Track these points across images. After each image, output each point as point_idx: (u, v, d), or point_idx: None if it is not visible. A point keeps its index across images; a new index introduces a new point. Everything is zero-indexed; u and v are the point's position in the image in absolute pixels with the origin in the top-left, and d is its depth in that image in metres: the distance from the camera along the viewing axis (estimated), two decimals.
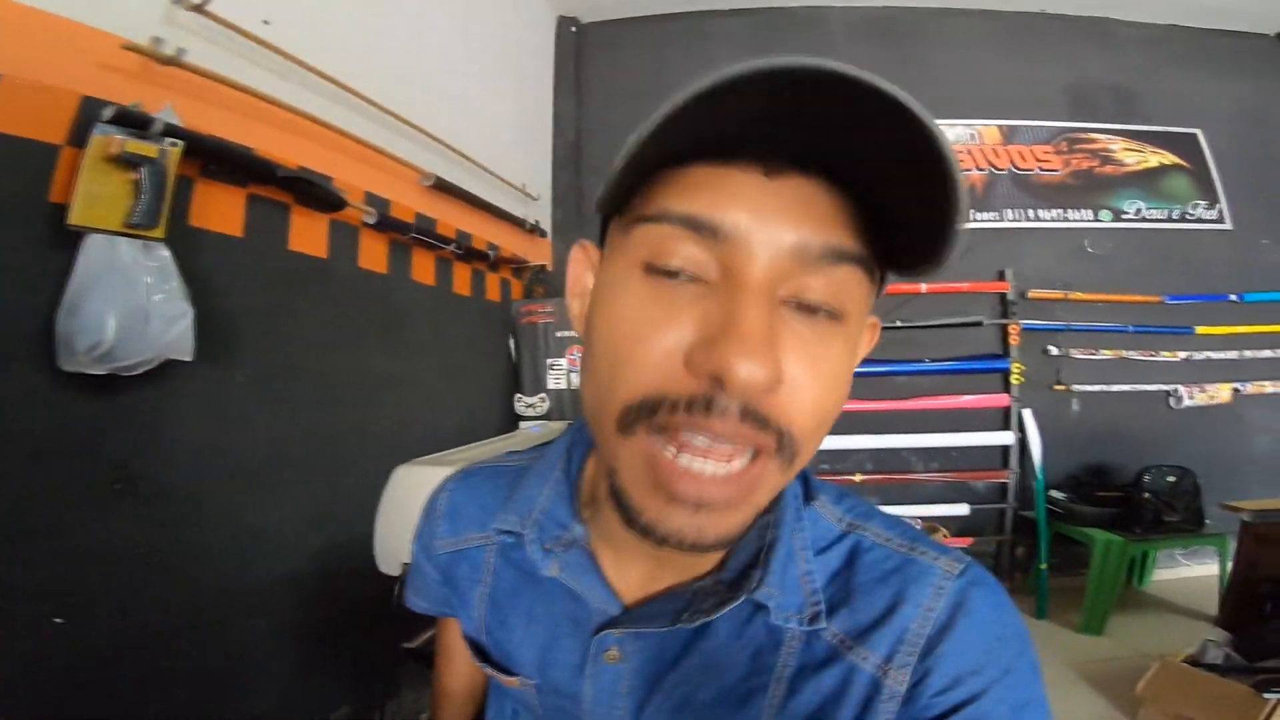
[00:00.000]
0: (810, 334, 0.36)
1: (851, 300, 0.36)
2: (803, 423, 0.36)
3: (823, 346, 0.36)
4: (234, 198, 1.47)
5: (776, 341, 0.34)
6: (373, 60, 1.94)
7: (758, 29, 3.63)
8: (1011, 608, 0.45)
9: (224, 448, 1.45)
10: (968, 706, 0.41)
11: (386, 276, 2.02)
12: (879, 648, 0.43)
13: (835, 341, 0.36)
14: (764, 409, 0.34)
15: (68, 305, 1.09)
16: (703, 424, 0.34)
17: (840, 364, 0.37)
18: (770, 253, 0.34)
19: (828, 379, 0.36)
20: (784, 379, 0.34)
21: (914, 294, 3.28)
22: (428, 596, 0.67)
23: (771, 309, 0.35)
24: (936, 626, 0.43)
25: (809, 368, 0.35)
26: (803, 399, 0.35)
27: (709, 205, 0.35)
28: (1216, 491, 2.82)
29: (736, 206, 0.34)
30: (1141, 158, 3.52)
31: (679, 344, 0.35)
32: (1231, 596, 2.33)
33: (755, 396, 0.34)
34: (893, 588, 0.45)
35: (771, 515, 0.47)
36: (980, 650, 0.42)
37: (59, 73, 1.12)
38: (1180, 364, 3.38)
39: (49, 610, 1.11)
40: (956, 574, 0.44)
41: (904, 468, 3.37)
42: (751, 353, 0.32)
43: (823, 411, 0.37)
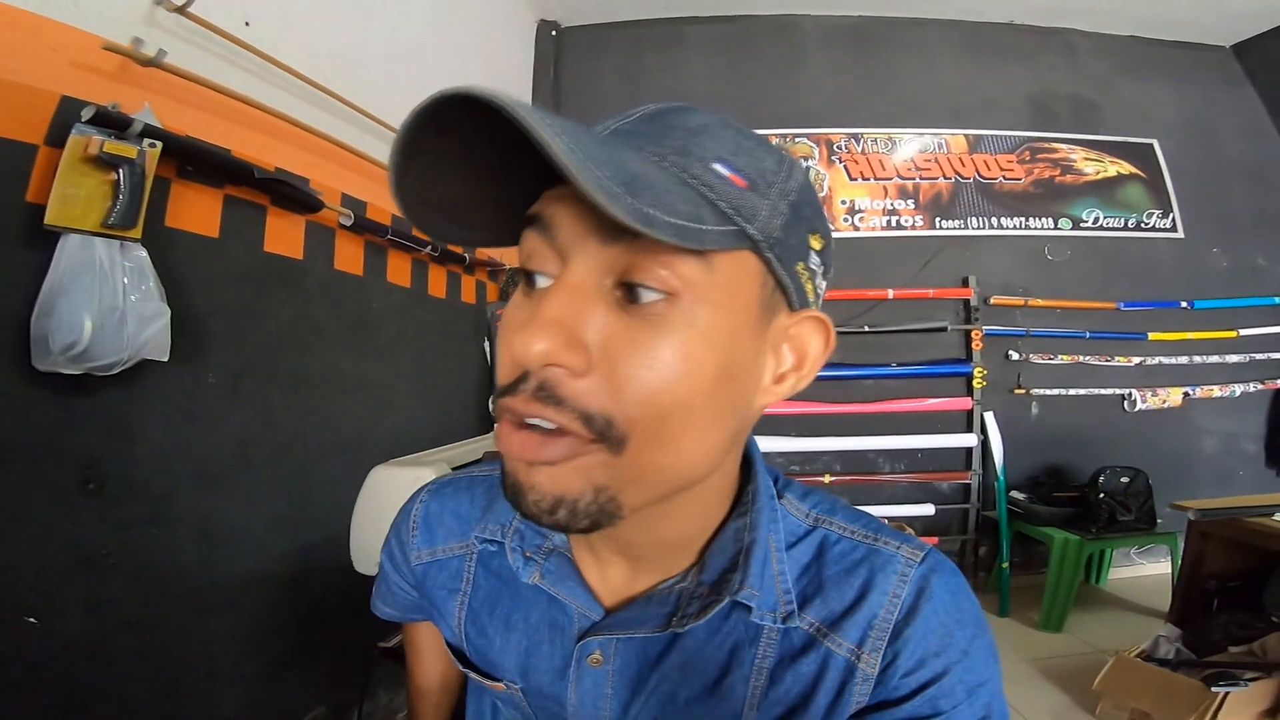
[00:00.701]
0: (635, 320, 0.36)
1: (674, 277, 0.36)
2: (622, 408, 0.35)
3: (649, 331, 0.36)
4: (211, 199, 1.46)
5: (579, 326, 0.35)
6: (352, 62, 1.95)
7: (733, 36, 3.69)
8: (968, 593, 0.48)
9: (193, 448, 1.44)
10: (931, 686, 0.44)
11: (362, 278, 2.02)
12: (851, 634, 0.46)
13: (666, 326, 0.36)
14: (562, 390, 0.35)
15: (43, 305, 1.09)
16: (509, 403, 0.37)
17: (673, 349, 0.36)
18: (586, 241, 0.36)
19: (654, 364, 0.36)
20: (598, 365, 0.35)
21: (881, 299, 3.37)
22: (395, 604, 0.68)
23: (579, 297, 0.36)
24: (903, 612, 0.46)
25: (628, 353, 0.36)
26: (620, 384, 0.35)
27: (546, 204, 0.38)
28: (1168, 491, 2.93)
29: (558, 202, 0.37)
30: (1101, 167, 3.63)
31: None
32: (1180, 593, 2.39)
33: (552, 377, 0.35)
34: (861, 577, 0.48)
35: (747, 519, 0.49)
36: (941, 634, 0.45)
37: (38, 72, 1.12)
38: (1134, 369, 3.50)
39: (20, 610, 1.10)
40: (918, 561, 0.48)
41: (871, 469, 3.45)
42: (531, 331, 0.34)
43: (650, 397, 0.36)
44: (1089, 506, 2.97)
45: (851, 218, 3.52)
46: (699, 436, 0.39)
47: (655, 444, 0.37)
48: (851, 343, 3.34)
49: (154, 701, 1.30)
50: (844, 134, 3.58)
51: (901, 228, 3.54)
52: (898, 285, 3.41)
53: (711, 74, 3.66)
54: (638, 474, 0.38)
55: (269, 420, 1.65)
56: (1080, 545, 2.83)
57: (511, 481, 0.38)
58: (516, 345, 0.35)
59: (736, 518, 0.49)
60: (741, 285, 0.39)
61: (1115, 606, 3.13)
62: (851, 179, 3.55)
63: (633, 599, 0.50)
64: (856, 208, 3.54)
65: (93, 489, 1.23)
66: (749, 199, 0.38)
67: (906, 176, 3.56)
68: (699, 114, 0.40)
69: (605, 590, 0.51)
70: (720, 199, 0.37)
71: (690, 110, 0.41)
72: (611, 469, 0.37)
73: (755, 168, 0.39)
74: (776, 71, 3.67)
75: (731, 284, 0.38)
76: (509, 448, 0.37)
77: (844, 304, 3.33)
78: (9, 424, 1.09)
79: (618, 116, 0.41)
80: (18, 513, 1.10)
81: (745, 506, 0.49)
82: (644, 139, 0.38)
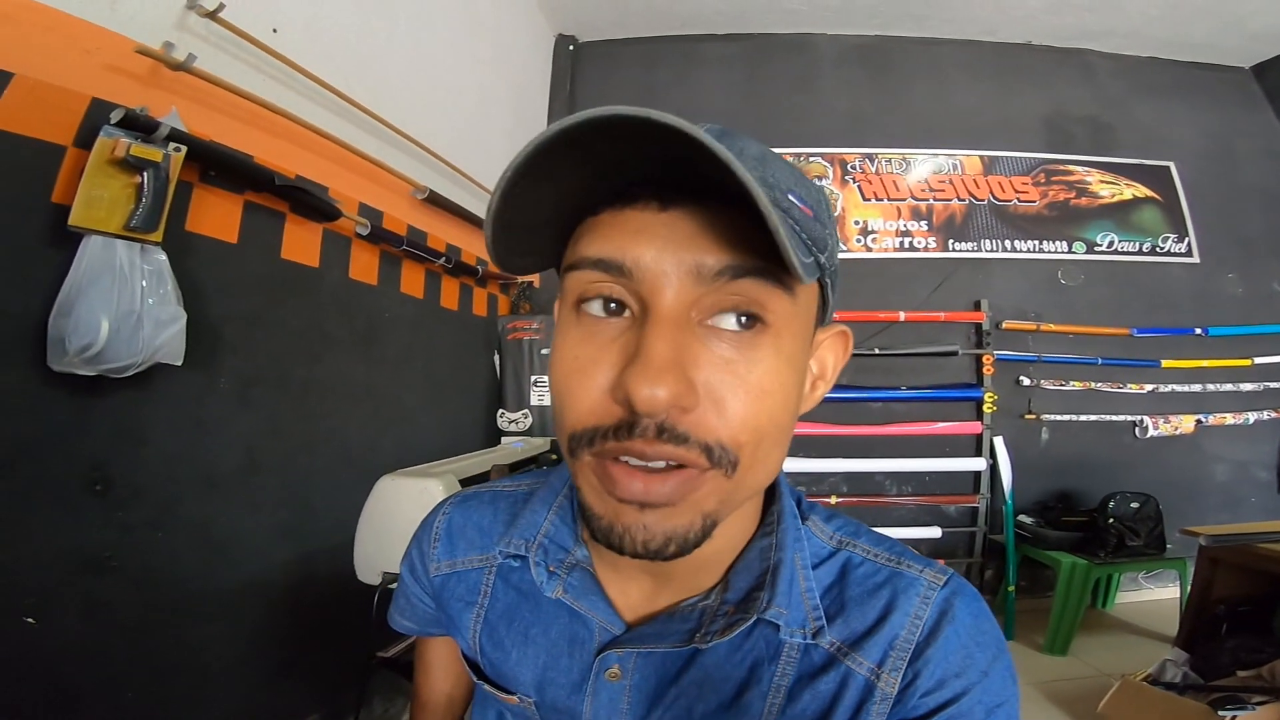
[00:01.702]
0: (731, 351, 0.38)
1: (767, 310, 0.38)
2: (732, 434, 0.37)
3: (745, 361, 0.38)
4: (231, 204, 1.47)
5: (686, 363, 0.36)
6: (374, 72, 1.96)
7: (748, 54, 3.71)
8: (989, 616, 0.49)
9: (201, 453, 1.44)
10: (950, 707, 0.44)
11: (376, 288, 2.03)
12: (872, 654, 0.46)
13: (760, 353, 0.38)
14: (681, 426, 0.36)
15: (62, 305, 1.09)
16: (627, 446, 0.37)
17: (770, 374, 0.38)
18: (674, 280, 0.37)
19: (755, 390, 0.38)
20: (703, 396, 0.37)
21: (892, 322, 3.35)
22: (413, 617, 0.68)
23: (679, 333, 0.37)
24: (924, 633, 0.46)
25: (731, 382, 0.37)
26: (729, 413, 0.37)
27: (615, 247, 0.38)
28: (1178, 517, 2.91)
29: (638, 243, 0.37)
30: (1116, 190, 3.61)
31: (606, 379, 0.38)
32: (1189, 617, 2.38)
33: (670, 416, 0.36)
34: (883, 599, 0.48)
35: (774, 538, 0.49)
36: (962, 655, 0.46)
37: (71, 74, 1.13)
38: (1146, 396, 3.47)
39: (20, 610, 1.09)
40: (941, 584, 0.48)
41: (878, 491, 3.42)
42: (652, 378, 0.35)
43: (755, 421, 0.38)
44: (1098, 531, 2.96)
45: (864, 238, 3.52)
46: (780, 450, 0.42)
47: (755, 463, 0.40)
48: (861, 365, 3.32)
49: (143, 707, 1.29)
50: (858, 154, 3.59)
51: (914, 249, 3.53)
52: (909, 308, 3.40)
53: (726, 91, 3.67)
54: (739, 492, 0.40)
55: (277, 428, 1.65)
56: (1088, 569, 2.82)
57: (611, 524, 0.39)
58: (640, 393, 0.35)
59: (762, 537, 0.50)
60: (810, 310, 0.42)
61: (1122, 631, 3.09)
62: (865, 199, 3.55)
63: (654, 615, 0.51)
64: (870, 228, 3.53)
65: (99, 491, 1.22)
66: (818, 230, 0.40)
67: (920, 197, 3.56)
68: (750, 140, 0.41)
69: (626, 606, 0.52)
70: (804, 232, 0.39)
71: (740, 135, 0.41)
72: (722, 493, 0.39)
73: (814, 198, 0.41)
74: (791, 90, 3.68)
75: (807, 311, 0.42)
76: (626, 490, 0.37)
77: (855, 326, 3.27)
78: (20, 423, 1.09)
79: None
80: (23, 512, 1.10)
81: (771, 526, 0.50)
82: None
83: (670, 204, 0.38)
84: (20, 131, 1.06)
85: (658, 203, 0.38)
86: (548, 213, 0.39)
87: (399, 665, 1.50)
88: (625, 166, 0.36)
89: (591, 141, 0.32)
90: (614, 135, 0.32)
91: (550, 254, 0.44)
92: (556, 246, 0.43)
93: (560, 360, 0.41)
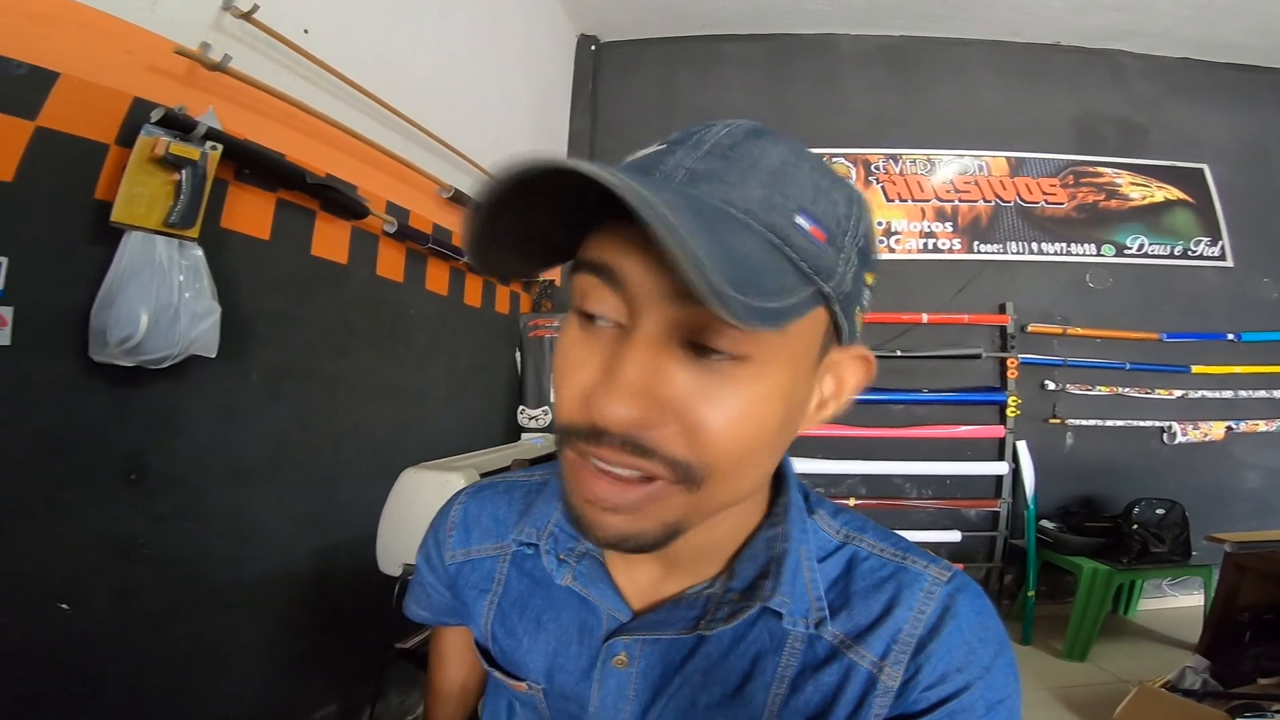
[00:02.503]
0: (707, 377, 0.37)
1: (748, 342, 0.36)
2: (702, 456, 0.37)
3: (720, 388, 0.37)
4: (264, 202, 1.50)
5: (658, 384, 0.36)
6: (400, 72, 1.99)
7: (770, 54, 3.70)
8: (993, 612, 0.49)
9: (231, 444, 1.47)
10: (951, 701, 0.45)
11: (401, 285, 2.06)
12: (875, 646, 0.47)
13: (738, 383, 0.37)
14: (647, 441, 0.36)
15: (104, 299, 1.13)
16: (595, 451, 0.37)
17: (746, 405, 0.37)
18: (657, 300, 0.36)
19: (729, 418, 0.37)
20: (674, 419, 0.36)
21: (914, 324, 3.33)
22: (429, 606, 0.69)
23: (655, 354, 0.36)
24: (927, 627, 0.46)
25: (704, 408, 0.36)
26: (700, 437, 0.37)
27: (612, 254, 0.37)
28: (1205, 524, 2.86)
29: (633, 256, 0.36)
30: (1147, 192, 3.55)
31: (584, 384, 0.38)
32: (1212, 624, 2.37)
33: (631, 432, 0.36)
34: (887, 593, 0.48)
35: (780, 529, 0.50)
36: (964, 650, 0.46)
37: (114, 74, 1.16)
38: (1175, 401, 3.41)
39: (55, 597, 1.13)
40: (945, 580, 0.49)
41: (897, 494, 3.40)
42: (614, 398, 0.35)
43: (724, 448, 0.37)
44: (1121, 537, 2.92)
45: (888, 239, 3.49)
46: (756, 471, 0.42)
47: (724, 483, 0.39)
48: (883, 367, 3.21)
49: (165, 695, 1.32)
50: (882, 154, 3.57)
51: (938, 250, 3.51)
52: (932, 309, 3.37)
53: (749, 91, 3.67)
54: (706, 506, 0.40)
55: (304, 421, 1.68)
56: (1110, 575, 2.79)
57: (578, 516, 0.40)
58: (600, 410, 0.36)
59: (768, 527, 0.50)
60: (808, 338, 0.40)
61: (1142, 638, 3.05)
62: (889, 200, 3.53)
63: (661, 602, 0.51)
64: (893, 229, 3.51)
65: (133, 480, 1.26)
66: (827, 255, 0.38)
67: (945, 199, 3.53)
68: (776, 143, 0.40)
69: (634, 593, 0.52)
70: (803, 259, 0.37)
71: (766, 136, 0.40)
72: (685, 506, 0.39)
73: (832, 215, 0.39)
74: (814, 90, 3.67)
75: (800, 340, 0.40)
76: (590, 493, 0.39)
77: (877, 327, 3.30)
78: (63, 412, 1.13)
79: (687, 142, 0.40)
80: (62, 500, 1.14)
81: (777, 517, 0.51)
82: (728, 186, 0.37)
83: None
84: (66, 130, 1.10)
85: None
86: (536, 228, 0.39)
87: (416, 657, 1.51)
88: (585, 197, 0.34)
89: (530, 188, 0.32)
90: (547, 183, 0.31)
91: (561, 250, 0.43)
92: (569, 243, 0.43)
93: (558, 354, 0.42)
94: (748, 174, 0.38)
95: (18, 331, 1.04)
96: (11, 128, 1.03)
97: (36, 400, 1.09)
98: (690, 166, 0.39)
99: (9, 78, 1.02)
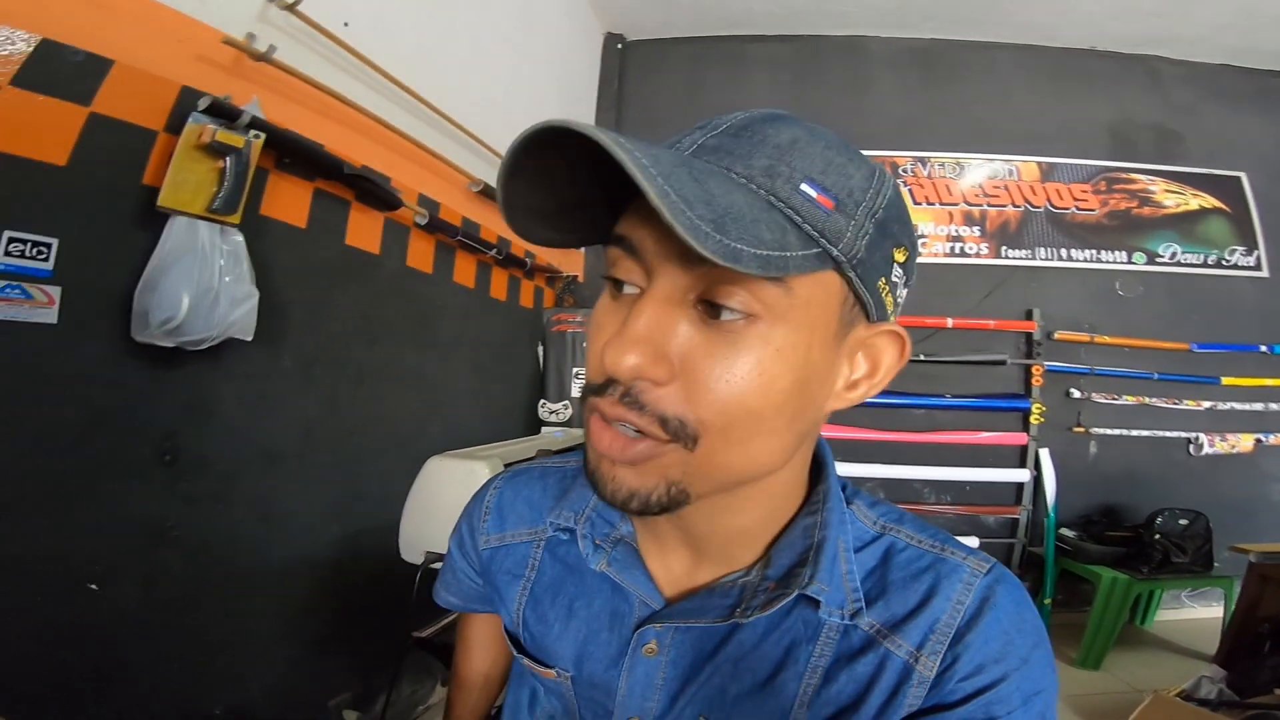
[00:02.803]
0: (714, 335, 0.39)
1: (754, 301, 0.38)
2: (696, 412, 0.39)
3: (726, 345, 0.39)
4: (302, 191, 1.53)
5: (665, 339, 0.39)
6: (434, 66, 2.02)
7: (797, 55, 3.69)
8: (1031, 605, 0.48)
9: (262, 428, 1.49)
10: (988, 692, 0.44)
11: (431, 276, 2.09)
12: (912, 636, 0.46)
13: (743, 342, 0.38)
14: (644, 397, 0.39)
15: (147, 281, 1.15)
16: (596, 403, 0.41)
17: (751, 364, 0.38)
18: (668, 263, 0.39)
19: (731, 376, 0.38)
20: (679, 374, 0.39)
21: (939, 328, 3.30)
22: (458, 593, 0.70)
23: (665, 312, 0.39)
24: (965, 618, 0.46)
25: (707, 365, 0.39)
26: (698, 392, 0.39)
27: (630, 227, 0.40)
28: (1230, 536, 2.82)
29: (645, 225, 0.39)
30: (1181, 200, 3.48)
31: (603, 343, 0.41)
32: (1231, 634, 2.35)
33: (637, 386, 0.39)
34: (925, 583, 0.48)
35: (818, 517, 0.50)
36: (1002, 641, 0.45)
37: (165, 63, 1.20)
38: (1203, 413, 3.35)
39: (86, 577, 1.14)
40: (984, 572, 0.48)
41: (915, 498, 3.38)
42: (621, 346, 0.38)
43: (722, 405, 0.39)
44: (1142, 547, 2.89)
45: None
46: (766, 439, 0.42)
47: (725, 445, 0.40)
48: (905, 371, 3.18)
49: (186, 679, 1.33)
50: (910, 157, 3.54)
51: (965, 255, 3.47)
52: (957, 314, 3.34)
53: (774, 91, 3.65)
54: (708, 469, 0.41)
55: (333, 406, 1.71)
56: (1129, 584, 2.75)
57: (593, 469, 0.43)
58: (608, 358, 0.38)
59: (806, 516, 0.50)
60: (820, 303, 0.41)
61: (1159, 648, 3.01)
62: (916, 203, 3.50)
63: (694, 590, 0.51)
64: (919, 233, 3.48)
65: (167, 461, 1.28)
66: (835, 221, 0.39)
67: (974, 203, 3.49)
68: (791, 125, 0.41)
69: (667, 580, 0.52)
70: (806, 222, 0.38)
71: (782, 120, 0.41)
72: (686, 465, 0.40)
73: (843, 186, 0.40)
74: (841, 92, 3.64)
75: (810, 303, 0.40)
76: (598, 443, 0.41)
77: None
78: (104, 391, 1.16)
79: (705, 126, 0.42)
80: (98, 480, 1.16)
81: (816, 505, 0.51)
82: (732, 157, 0.39)
83: None
84: (118, 116, 1.13)
85: None
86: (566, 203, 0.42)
87: (433, 646, 1.53)
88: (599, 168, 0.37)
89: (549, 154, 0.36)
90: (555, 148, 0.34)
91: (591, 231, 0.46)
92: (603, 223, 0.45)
93: (592, 323, 0.45)
94: (755, 148, 0.39)
95: (64, 311, 1.07)
96: (67, 113, 1.06)
97: (79, 378, 1.12)
98: (701, 143, 0.41)
99: (67, 65, 1.05)
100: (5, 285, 1.00)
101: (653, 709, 0.51)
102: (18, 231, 1.01)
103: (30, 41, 1.00)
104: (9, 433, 1.03)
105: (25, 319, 1.03)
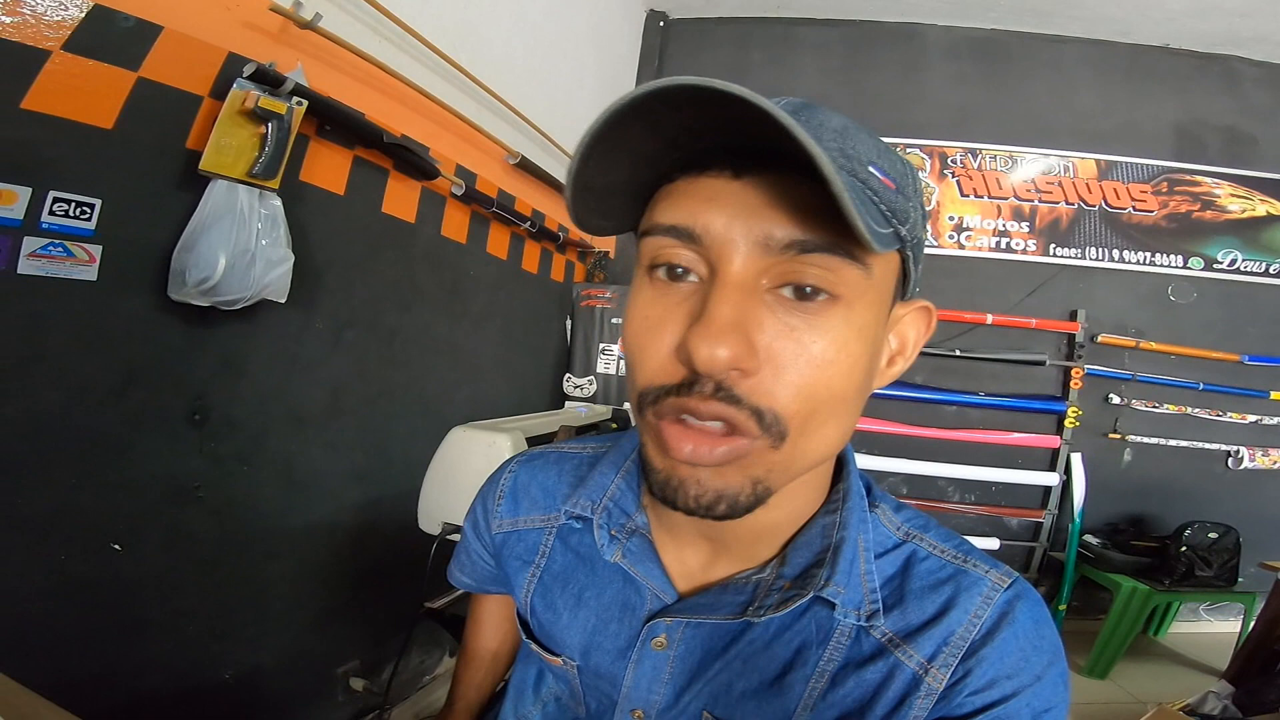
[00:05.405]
0: (797, 319, 0.38)
1: (838, 283, 0.38)
2: (785, 402, 0.37)
3: (810, 329, 0.38)
4: (342, 158, 1.55)
5: (750, 326, 0.37)
6: (477, 38, 2.01)
7: (848, 40, 3.55)
8: (1050, 622, 0.47)
9: (291, 390, 1.52)
10: (996, 707, 0.44)
11: (464, 246, 2.10)
12: (924, 648, 0.45)
13: (828, 322, 0.38)
14: (738, 389, 0.37)
15: (186, 241, 1.19)
16: (684, 403, 0.38)
17: (836, 344, 0.38)
18: (742, 248, 0.37)
19: (818, 359, 0.37)
20: (765, 362, 0.37)
21: (978, 324, 3.22)
22: (472, 574, 0.71)
23: (745, 298, 0.37)
24: (982, 632, 0.45)
25: (794, 349, 0.37)
26: (787, 379, 0.37)
27: (687, 214, 0.38)
28: (1261, 552, 2.76)
29: (710, 210, 0.38)
30: (1248, 205, 3.31)
31: (672, 339, 0.39)
32: (1245, 651, 2.31)
33: (729, 378, 0.37)
34: (944, 594, 0.47)
35: (838, 516, 0.49)
36: (1017, 657, 0.45)
37: (212, 29, 1.21)
38: (1248, 426, 3.24)
39: (110, 536, 1.17)
40: (1005, 586, 0.47)
41: (939, 496, 3.34)
42: (713, 338, 0.35)
43: (812, 390, 0.38)
44: (1167, 558, 2.83)
45: (957, 235, 3.37)
46: (840, 422, 0.42)
47: (809, 434, 0.40)
48: (939, 366, 3.22)
49: (200, 638, 1.37)
50: (960, 148, 3.42)
51: (1011, 250, 3.36)
52: (998, 311, 3.25)
53: (822, 76, 3.54)
54: (790, 460, 0.40)
55: (362, 371, 1.74)
56: (1148, 595, 2.71)
57: (667, 478, 0.40)
58: (701, 352, 0.35)
59: (825, 514, 0.50)
60: (887, 283, 0.42)
61: (1169, 660, 2.97)
62: (963, 195, 3.39)
63: (708, 586, 0.51)
64: (965, 225, 3.38)
65: (197, 420, 1.31)
66: (900, 202, 0.40)
67: (1024, 198, 3.37)
68: (833, 113, 0.41)
69: (681, 574, 0.52)
70: (882, 203, 0.39)
71: (821, 108, 0.41)
72: (771, 461, 0.39)
73: (898, 170, 0.41)
74: (893, 79, 3.51)
75: (883, 283, 0.41)
76: (679, 451, 0.38)
77: (937, 325, 3.19)
78: (139, 348, 1.19)
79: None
80: (129, 437, 1.19)
81: (836, 504, 0.50)
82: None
83: (743, 172, 0.38)
84: (165, 81, 1.15)
85: (731, 171, 0.38)
86: (624, 177, 0.40)
87: (444, 618, 1.55)
88: (697, 135, 0.36)
89: (661, 111, 0.33)
90: (682, 105, 0.32)
91: (628, 218, 0.45)
92: (634, 211, 0.44)
93: (632, 320, 0.42)
94: (820, 130, 0.39)
95: (104, 268, 1.11)
96: (116, 77, 1.09)
97: (115, 334, 1.15)
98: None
99: (118, 30, 1.07)
100: (49, 243, 1.03)
101: (657, 702, 0.51)
102: (63, 192, 1.04)
103: (83, 7, 1.03)
104: (48, 386, 1.06)
105: (66, 275, 1.06)
